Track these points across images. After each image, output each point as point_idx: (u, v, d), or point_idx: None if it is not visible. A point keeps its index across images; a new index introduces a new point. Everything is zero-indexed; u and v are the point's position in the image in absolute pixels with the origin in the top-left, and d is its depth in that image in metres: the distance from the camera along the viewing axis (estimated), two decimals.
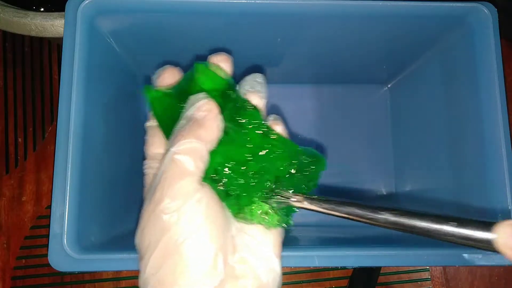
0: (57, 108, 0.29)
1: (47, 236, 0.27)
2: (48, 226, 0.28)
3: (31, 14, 0.37)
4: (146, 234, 0.22)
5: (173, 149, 0.22)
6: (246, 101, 0.24)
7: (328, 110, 0.50)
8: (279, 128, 0.25)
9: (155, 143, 0.26)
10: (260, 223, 0.24)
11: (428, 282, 0.48)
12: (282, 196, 0.24)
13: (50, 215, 0.28)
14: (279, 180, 0.24)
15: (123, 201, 0.38)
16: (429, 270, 0.48)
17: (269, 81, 0.48)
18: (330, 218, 0.47)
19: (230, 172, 0.23)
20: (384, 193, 0.49)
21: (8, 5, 0.38)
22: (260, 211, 0.24)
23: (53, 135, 0.48)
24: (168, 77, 0.27)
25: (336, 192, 0.49)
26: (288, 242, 0.41)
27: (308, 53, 0.42)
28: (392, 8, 0.32)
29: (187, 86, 0.25)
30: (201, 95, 0.24)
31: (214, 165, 0.23)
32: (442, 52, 0.39)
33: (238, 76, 0.50)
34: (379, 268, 0.47)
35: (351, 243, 0.40)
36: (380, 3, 0.32)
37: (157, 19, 0.33)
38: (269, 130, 0.24)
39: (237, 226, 0.24)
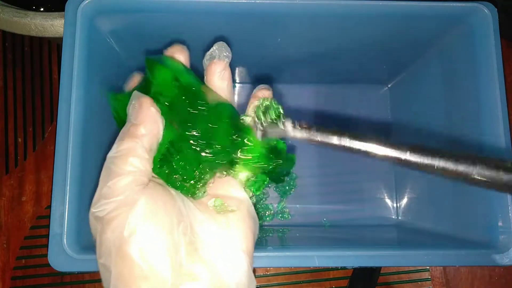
0: (57, 108, 0.29)
1: (47, 236, 0.27)
2: (48, 226, 0.28)
3: (31, 14, 0.36)
4: (92, 234, 0.22)
5: (108, 154, 0.22)
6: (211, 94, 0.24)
7: (328, 110, 0.50)
8: (267, 94, 0.25)
9: None
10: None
11: (428, 282, 0.48)
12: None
13: (50, 215, 0.28)
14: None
15: None
16: (429, 270, 0.48)
17: (269, 81, 0.49)
18: (330, 218, 0.48)
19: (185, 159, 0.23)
20: (384, 192, 0.49)
21: (8, 5, 0.38)
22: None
23: (53, 135, 0.48)
24: (137, 82, 0.26)
25: (336, 191, 0.49)
26: (288, 242, 0.41)
27: (308, 53, 0.42)
28: (392, 8, 0.32)
29: (145, 84, 0.25)
30: (134, 94, 0.24)
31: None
32: (442, 52, 0.39)
33: (240, 76, 0.50)
34: (379, 268, 0.47)
35: (351, 243, 0.40)
36: (380, 3, 0.32)
37: (156, 19, 0.33)
38: (241, 129, 0.24)
39: (199, 219, 0.23)
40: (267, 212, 0.47)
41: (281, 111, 0.25)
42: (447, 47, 0.37)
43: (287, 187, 0.47)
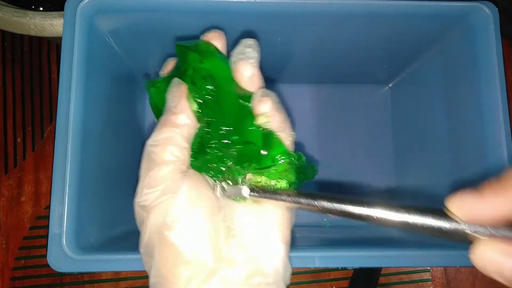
0: (56, 108, 0.29)
1: (46, 236, 0.27)
2: (47, 226, 0.27)
3: (30, 13, 0.36)
4: (137, 224, 0.23)
5: (147, 142, 0.22)
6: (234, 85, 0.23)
7: (329, 110, 0.50)
8: (266, 107, 0.23)
9: None
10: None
11: (429, 282, 0.48)
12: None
13: (49, 216, 0.28)
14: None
15: (123, 202, 0.38)
16: (430, 271, 0.48)
17: (269, 81, 0.49)
18: (330, 218, 0.47)
19: (216, 146, 0.23)
20: (385, 192, 0.49)
21: (7, 4, 0.38)
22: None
23: (52, 134, 0.48)
24: (172, 67, 0.26)
25: (336, 191, 0.48)
26: None
27: (309, 53, 0.41)
28: (393, 8, 0.32)
29: (177, 70, 0.25)
30: (174, 81, 0.24)
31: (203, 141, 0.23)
32: (443, 52, 0.39)
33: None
34: (379, 269, 0.46)
35: (351, 243, 0.40)
36: (381, 2, 0.32)
37: (156, 18, 0.33)
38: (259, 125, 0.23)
39: (236, 206, 0.23)
40: None
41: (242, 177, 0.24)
42: (448, 46, 0.37)
43: None
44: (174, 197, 0.21)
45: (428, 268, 0.48)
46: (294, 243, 0.41)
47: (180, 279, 0.21)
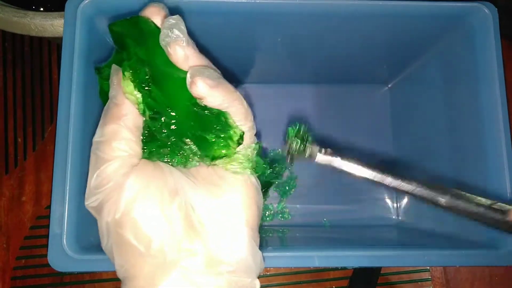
0: (57, 108, 0.29)
1: (47, 236, 0.27)
2: (48, 226, 0.27)
3: (31, 14, 0.36)
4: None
5: (94, 138, 0.22)
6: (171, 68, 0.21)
7: (328, 110, 0.50)
8: (199, 88, 0.20)
9: None
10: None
11: (428, 282, 0.48)
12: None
13: (49, 215, 0.28)
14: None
15: None
16: (429, 271, 0.48)
17: (269, 81, 0.49)
18: (330, 218, 0.47)
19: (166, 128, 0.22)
20: (384, 192, 0.49)
21: (8, 4, 0.38)
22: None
23: (53, 135, 0.48)
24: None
25: (336, 191, 0.48)
26: (288, 242, 0.41)
27: (309, 53, 0.41)
28: (393, 8, 0.32)
29: (116, 53, 0.24)
30: (113, 68, 0.22)
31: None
32: (442, 52, 0.39)
33: (240, 76, 0.49)
34: (379, 269, 0.46)
35: (351, 243, 0.40)
36: (380, 2, 0.32)
37: None
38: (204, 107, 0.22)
39: (194, 193, 0.22)
40: (267, 212, 0.47)
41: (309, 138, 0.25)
42: (448, 47, 0.37)
43: (287, 187, 0.47)
44: (120, 193, 0.20)
45: (428, 267, 0.48)
46: (294, 243, 0.41)
47: (142, 273, 0.20)
